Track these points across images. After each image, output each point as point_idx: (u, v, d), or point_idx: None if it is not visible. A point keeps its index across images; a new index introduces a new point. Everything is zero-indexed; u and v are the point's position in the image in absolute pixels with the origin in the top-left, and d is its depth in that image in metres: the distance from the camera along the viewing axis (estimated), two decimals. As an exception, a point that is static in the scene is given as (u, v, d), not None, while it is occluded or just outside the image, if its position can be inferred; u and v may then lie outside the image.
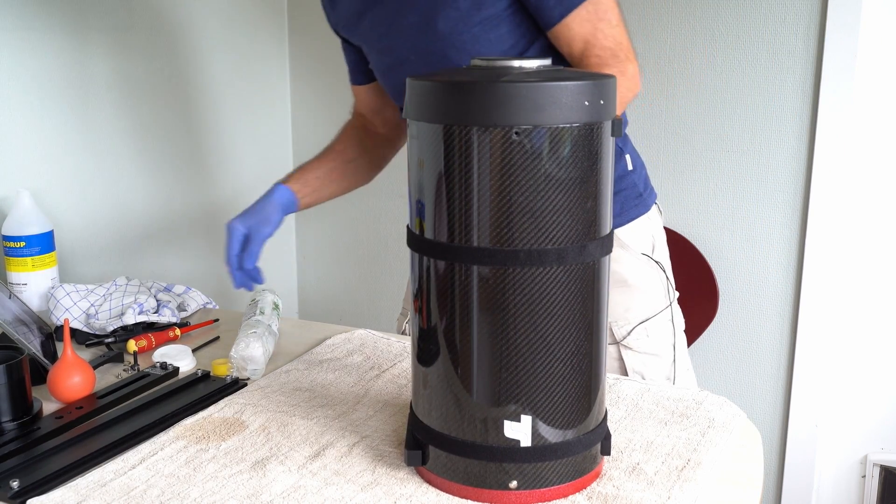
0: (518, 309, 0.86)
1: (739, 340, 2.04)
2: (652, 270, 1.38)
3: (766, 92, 1.90)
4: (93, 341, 1.40)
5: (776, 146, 1.91)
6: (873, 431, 2.01)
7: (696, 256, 2.01)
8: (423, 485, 0.95)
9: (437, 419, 0.93)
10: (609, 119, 0.88)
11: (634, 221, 1.37)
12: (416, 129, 0.89)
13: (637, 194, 1.39)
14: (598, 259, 0.89)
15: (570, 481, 0.92)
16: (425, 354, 0.93)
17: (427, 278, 0.91)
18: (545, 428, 0.89)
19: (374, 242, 2.47)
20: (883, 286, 1.94)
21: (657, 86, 2.00)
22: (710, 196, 2.01)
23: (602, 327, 0.93)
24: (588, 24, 1.22)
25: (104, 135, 1.86)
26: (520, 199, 0.84)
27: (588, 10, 1.22)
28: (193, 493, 0.93)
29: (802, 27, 1.84)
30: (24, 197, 1.57)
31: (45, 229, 1.57)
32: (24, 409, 1.12)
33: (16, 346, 1.19)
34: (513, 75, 0.85)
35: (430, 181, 0.88)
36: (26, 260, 1.55)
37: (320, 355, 1.33)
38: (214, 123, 2.17)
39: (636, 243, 1.37)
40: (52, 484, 0.96)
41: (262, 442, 1.05)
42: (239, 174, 2.27)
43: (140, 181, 1.96)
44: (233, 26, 2.18)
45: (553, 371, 0.88)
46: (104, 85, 1.84)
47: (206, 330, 1.49)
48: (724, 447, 1.04)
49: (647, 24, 1.98)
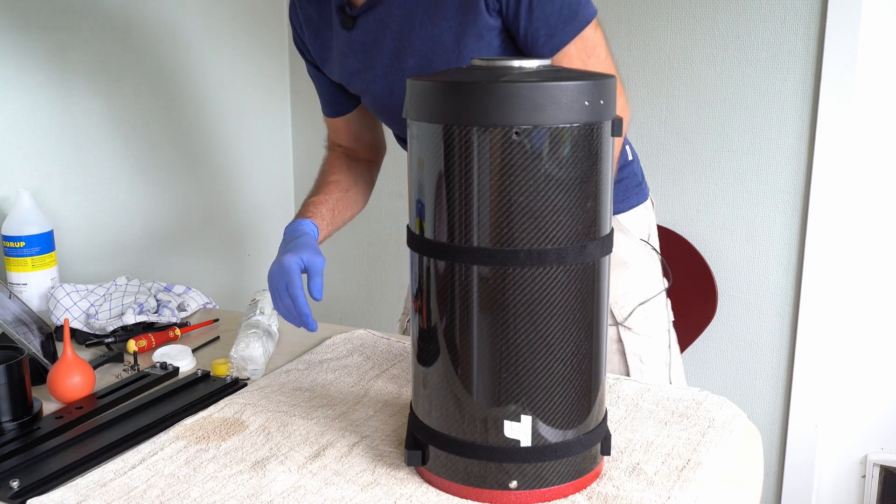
0: (518, 309, 0.86)
1: (739, 340, 2.04)
2: (649, 256, 1.43)
3: (766, 92, 1.90)
4: (93, 341, 1.40)
5: (776, 146, 1.91)
6: (873, 431, 2.01)
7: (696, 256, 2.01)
8: (423, 485, 0.95)
9: (437, 419, 0.93)
10: (609, 119, 0.88)
11: (634, 209, 1.42)
12: (416, 129, 0.89)
13: (637, 183, 1.44)
14: (598, 259, 0.89)
15: (570, 481, 0.92)
16: (425, 354, 0.93)
17: (427, 278, 0.91)
18: (545, 428, 0.89)
19: (374, 242, 2.47)
20: (883, 286, 1.94)
21: (657, 86, 2.00)
22: (710, 196, 2.01)
23: (602, 327, 0.93)
24: (577, 60, 1.25)
25: (104, 134, 1.86)
26: (520, 199, 0.84)
27: (577, 47, 1.24)
28: (193, 493, 0.93)
29: (802, 27, 1.84)
30: (24, 197, 1.57)
31: (45, 229, 1.57)
32: (24, 409, 1.12)
33: (16, 346, 1.19)
34: (513, 75, 0.84)
35: (430, 181, 0.88)
36: (26, 260, 1.55)
37: (320, 355, 1.33)
38: (214, 123, 2.17)
39: (635, 229, 1.41)
40: (52, 484, 0.96)
41: (262, 442, 1.05)
42: (239, 174, 2.27)
43: (140, 181, 1.96)
44: (234, 26, 2.18)
45: (553, 371, 0.88)
46: (104, 84, 1.84)
47: (206, 330, 1.49)
48: (724, 447, 1.04)
49: (647, 23, 1.98)
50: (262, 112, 2.34)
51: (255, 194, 2.34)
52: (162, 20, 1.96)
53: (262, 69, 2.33)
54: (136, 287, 1.56)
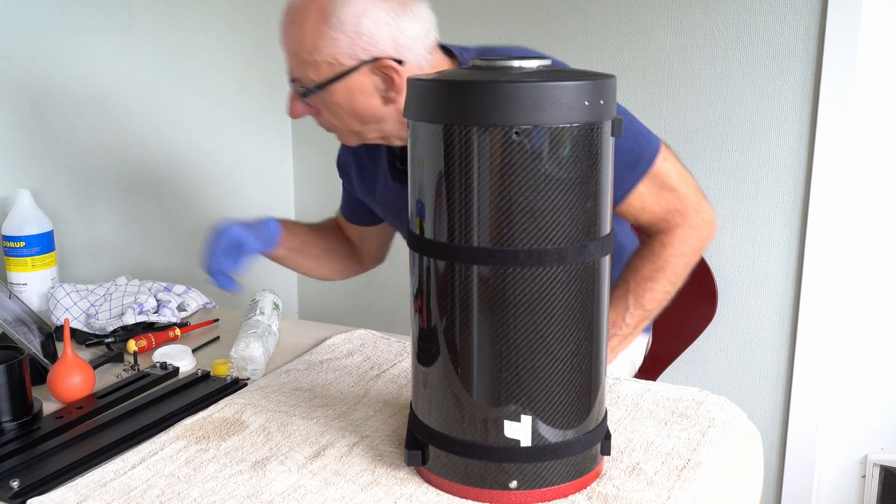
0: (518, 309, 0.86)
1: (739, 340, 2.03)
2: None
3: (766, 92, 1.90)
4: (93, 341, 1.40)
5: (776, 146, 1.91)
6: (873, 431, 2.01)
7: (697, 257, 2.00)
8: (423, 485, 0.95)
9: (437, 419, 0.93)
10: (609, 119, 0.88)
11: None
12: (416, 129, 0.89)
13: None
14: (598, 259, 0.89)
15: (570, 481, 0.92)
16: (425, 354, 0.93)
17: (427, 278, 0.91)
18: (545, 428, 0.89)
19: (374, 242, 2.46)
20: (883, 286, 1.94)
21: (657, 86, 2.00)
22: (710, 196, 2.00)
23: (602, 327, 0.93)
24: (651, 196, 1.26)
25: (103, 134, 1.86)
26: (520, 199, 0.84)
27: (647, 185, 1.25)
28: (193, 493, 0.93)
29: (802, 27, 1.84)
30: (24, 197, 1.57)
31: (46, 229, 1.57)
32: (24, 409, 1.12)
33: (16, 346, 1.19)
34: (513, 75, 0.84)
35: (430, 181, 0.88)
36: (26, 260, 1.55)
37: (320, 355, 1.33)
38: (214, 122, 2.16)
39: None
40: (52, 484, 0.96)
41: (262, 442, 1.05)
42: (239, 174, 2.27)
43: (140, 180, 1.96)
44: (235, 25, 2.18)
45: (553, 371, 0.88)
46: (103, 84, 1.84)
47: (206, 330, 1.49)
48: (724, 447, 1.04)
49: (647, 23, 1.98)
50: (263, 112, 2.34)
51: (255, 194, 2.34)
52: (163, 21, 1.96)
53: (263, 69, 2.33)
54: (136, 287, 1.56)
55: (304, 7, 1.17)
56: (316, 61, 1.16)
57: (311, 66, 1.17)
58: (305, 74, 1.19)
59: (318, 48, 1.16)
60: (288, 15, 1.20)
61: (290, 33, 1.19)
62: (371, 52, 1.16)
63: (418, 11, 1.19)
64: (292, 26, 1.18)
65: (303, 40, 1.17)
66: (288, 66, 1.23)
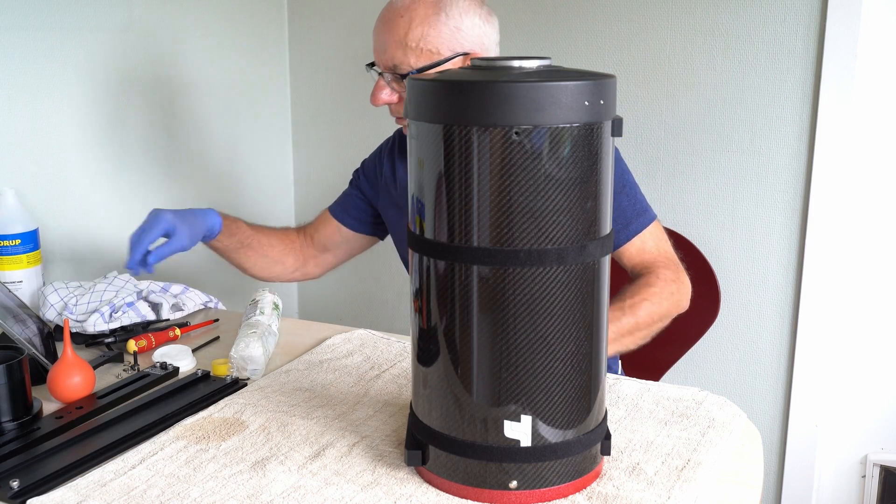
0: (518, 309, 0.86)
1: (739, 340, 2.03)
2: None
3: (766, 92, 1.90)
4: (93, 341, 1.40)
5: (776, 146, 1.91)
6: (873, 431, 2.01)
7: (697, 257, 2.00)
8: (423, 485, 0.95)
9: (437, 419, 0.93)
10: (609, 119, 0.87)
11: None
12: (416, 129, 0.89)
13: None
14: (598, 259, 0.89)
15: (570, 481, 0.92)
16: (425, 354, 0.93)
17: (427, 278, 0.91)
18: (545, 428, 0.89)
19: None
20: (883, 286, 1.94)
21: (657, 86, 2.00)
22: (710, 196, 2.01)
23: (602, 327, 0.93)
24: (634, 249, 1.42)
25: (102, 133, 1.85)
26: (520, 199, 0.84)
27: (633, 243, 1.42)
28: (193, 493, 0.93)
29: (802, 27, 1.84)
30: (8, 195, 1.56)
31: (30, 227, 1.56)
32: (24, 409, 1.12)
33: (16, 346, 1.19)
34: (513, 75, 0.84)
35: (430, 181, 0.88)
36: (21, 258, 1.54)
37: (320, 355, 1.33)
38: (214, 123, 2.16)
39: None
40: (52, 484, 0.96)
41: (262, 442, 1.05)
42: (239, 173, 2.27)
43: (140, 181, 1.96)
44: (233, 25, 2.18)
45: (553, 371, 0.88)
46: (103, 83, 1.84)
47: (206, 330, 1.49)
48: (724, 447, 1.04)
49: (647, 23, 1.98)
50: (262, 111, 2.34)
51: (255, 194, 2.34)
52: (159, 19, 1.96)
53: (262, 68, 2.33)
54: (122, 283, 1.55)
55: (414, 1, 1.34)
56: (420, 48, 1.33)
57: (415, 52, 1.34)
58: (406, 60, 1.34)
59: (425, 36, 1.33)
60: (395, 9, 1.36)
61: (398, 23, 1.34)
62: (465, 47, 1.36)
63: (496, 24, 1.41)
64: (400, 19, 1.34)
65: (412, 29, 1.33)
66: (384, 55, 1.36)
